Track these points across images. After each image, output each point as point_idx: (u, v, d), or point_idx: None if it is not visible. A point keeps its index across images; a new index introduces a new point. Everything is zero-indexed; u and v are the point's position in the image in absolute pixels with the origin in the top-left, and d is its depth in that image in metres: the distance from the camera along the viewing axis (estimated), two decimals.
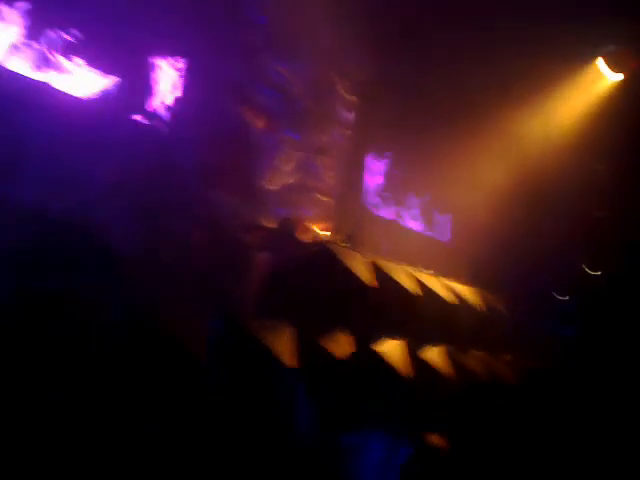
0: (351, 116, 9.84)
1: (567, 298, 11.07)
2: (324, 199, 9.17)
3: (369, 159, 10.23)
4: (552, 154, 10.81)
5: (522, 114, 10.63)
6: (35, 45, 6.49)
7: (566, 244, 11.15)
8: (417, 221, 10.61)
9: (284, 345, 6.24)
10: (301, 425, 5.99)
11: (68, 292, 5.00)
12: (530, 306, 10.34)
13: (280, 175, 8.86)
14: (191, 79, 7.84)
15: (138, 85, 7.26)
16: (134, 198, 6.39)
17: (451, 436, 6.85)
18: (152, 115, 7.42)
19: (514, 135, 10.77)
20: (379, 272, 7.87)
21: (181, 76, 7.69)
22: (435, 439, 6.93)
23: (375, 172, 10.26)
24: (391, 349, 7.61)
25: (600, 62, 10.76)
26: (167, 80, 7.64)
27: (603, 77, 10.85)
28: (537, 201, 10.79)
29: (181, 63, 7.69)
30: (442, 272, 9.01)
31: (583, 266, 11.36)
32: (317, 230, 8.76)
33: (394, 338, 7.69)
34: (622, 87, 10.84)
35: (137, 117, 7.16)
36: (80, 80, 6.75)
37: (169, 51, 7.62)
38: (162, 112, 7.53)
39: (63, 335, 4.84)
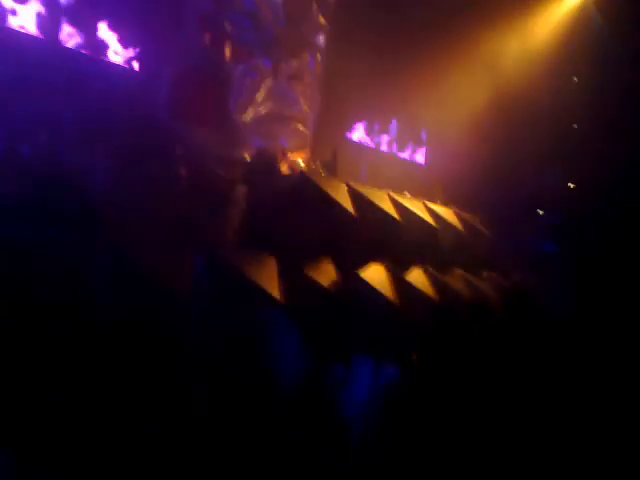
0: (324, 41, 9.63)
1: (543, 213, 11.20)
2: (300, 127, 9.08)
3: (343, 83, 10.08)
4: (527, 70, 10.72)
5: (496, 33, 10.49)
6: None
7: (544, 159, 11.19)
8: (393, 145, 10.58)
9: (268, 277, 6.29)
10: (289, 360, 6.04)
11: (47, 242, 4.97)
12: (509, 224, 10.44)
13: (254, 105, 8.73)
14: (157, 10, 7.62)
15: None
16: (109, 140, 6.31)
17: (434, 354, 7.03)
18: (120, 53, 7.25)
19: (489, 54, 10.66)
20: (360, 199, 7.84)
21: (146, 10, 7.47)
22: (418, 358, 7.13)
23: (349, 97, 10.14)
24: (375, 274, 7.68)
25: None
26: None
27: None
28: (513, 117, 10.76)
29: None
30: (421, 195, 9.04)
31: (562, 180, 11.44)
32: (295, 159, 8.71)
33: (377, 263, 7.76)
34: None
35: (105, 57, 7.02)
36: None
37: None
38: (130, 50, 7.35)
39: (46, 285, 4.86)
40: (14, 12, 6.35)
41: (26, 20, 6.32)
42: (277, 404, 5.59)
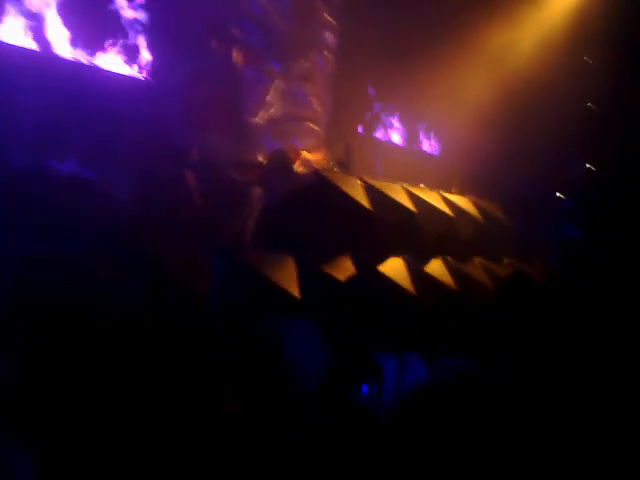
0: (333, 39, 9.70)
1: (564, 198, 11.10)
2: (313, 127, 9.16)
3: (356, 81, 10.14)
4: (539, 54, 10.65)
5: (506, 20, 10.46)
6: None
7: (560, 142, 11.09)
8: (407, 138, 10.59)
9: (287, 276, 6.35)
10: (311, 359, 6.04)
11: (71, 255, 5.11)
12: (530, 210, 10.38)
13: (267, 108, 8.84)
14: (165, 20, 7.75)
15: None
16: (126, 152, 6.46)
17: (456, 346, 7.03)
18: (132, 64, 7.40)
19: (499, 42, 10.60)
20: (376, 193, 7.85)
21: (154, 18, 7.60)
22: (444, 351, 7.12)
23: (361, 94, 10.19)
24: (395, 267, 7.70)
25: None
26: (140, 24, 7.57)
27: None
28: (528, 102, 10.69)
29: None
30: (437, 186, 9.04)
31: (581, 163, 11.33)
32: (309, 158, 8.79)
33: (396, 257, 7.77)
34: None
35: (117, 69, 7.16)
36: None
37: None
38: (140, 59, 7.49)
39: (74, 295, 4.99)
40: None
41: (24, 33, 6.44)
42: (300, 404, 5.62)
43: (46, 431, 4.44)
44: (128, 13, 7.35)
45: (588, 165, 11.36)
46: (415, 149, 10.69)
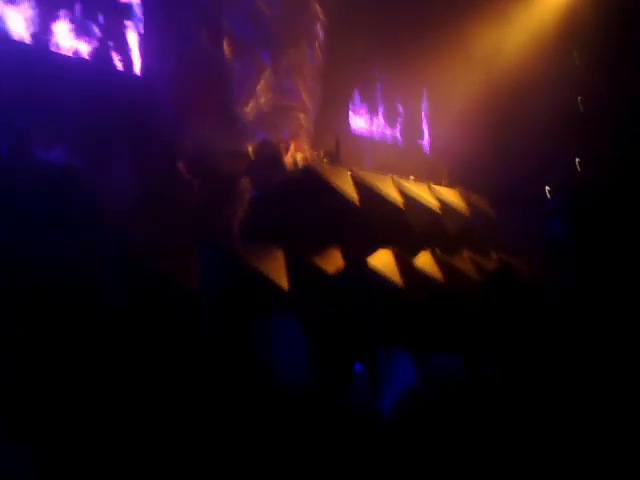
0: (323, 32, 9.65)
1: (550, 193, 11.16)
2: (302, 118, 9.11)
3: (344, 73, 10.10)
4: (526, 50, 10.68)
5: (493, 14, 10.49)
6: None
7: (548, 138, 11.12)
8: (396, 131, 10.58)
9: (275, 268, 6.34)
10: (299, 353, 5.99)
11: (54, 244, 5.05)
12: (517, 204, 10.42)
13: (255, 99, 8.77)
14: (153, 10, 7.67)
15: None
16: (111, 140, 6.40)
17: (443, 339, 7.05)
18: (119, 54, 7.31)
19: (487, 37, 10.63)
20: (364, 186, 7.87)
21: (143, 11, 7.52)
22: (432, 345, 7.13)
23: (350, 85, 10.17)
24: (383, 260, 7.72)
25: None
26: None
27: None
28: (515, 99, 10.71)
29: None
30: (426, 178, 9.05)
31: (568, 159, 11.38)
32: (298, 150, 8.75)
33: (385, 249, 7.78)
34: None
35: (105, 58, 7.08)
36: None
37: None
38: (129, 49, 7.41)
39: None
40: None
41: (14, 25, 6.36)
42: (286, 400, 5.59)
43: (43, 431, 4.41)
44: (117, 1, 7.28)
45: (575, 161, 11.42)
46: (405, 142, 10.68)
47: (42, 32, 6.52)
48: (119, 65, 7.21)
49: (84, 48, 6.90)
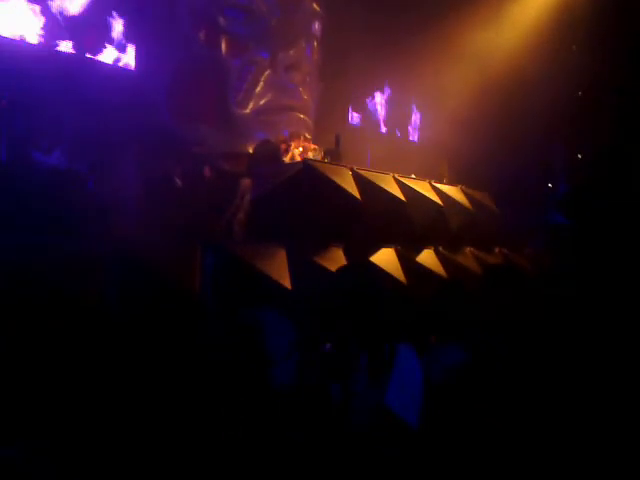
0: (318, 27, 9.62)
1: (552, 186, 11.14)
2: (301, 116, 9.09)
3: (342, 70, 10.08)
4: (525, 43, 10.66)
5: (490, 8, 10.47)
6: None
7: (550, 131, 11.11)
8: (396, 128, 10.56)
9: (277, 267, 6.30)
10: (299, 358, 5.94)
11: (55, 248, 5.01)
12: (519, 199, 10.40)
13: (254, 98, 8.75)
14: (151, 9, 7.65)
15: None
16: (110, 143, 6.37)
17: (448, 336, 6.99)
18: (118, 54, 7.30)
19: (485, 31, 10.62)
20: (367, 184, 7.81)
21: (140, 6, 7.49)
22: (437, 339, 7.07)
23: (349, 82, 10.14)
24: (385, 258, 7.67)
25: None
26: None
27: None
28: (515, 92, 10.69)
29: None
30: (427, 175, 9.01)
31: (570, 152, 11.35)
32: (298, 148, 8.71)
33: (388, 247, 7.75)
34: None
35: (103, 59, 7.06)
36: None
37: None
38: (127, 49, 7.39)
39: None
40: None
41: (16, 25, 6.34)
42: (287, 400, 5.55)
43: (43, 431, 4.38)
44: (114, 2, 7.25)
45: (577, 154, 11.39)
46: (405, 139, 10.66)
47: (43, 32, 6.50)
48: (116, 64, 7.18)
49: (84, 48, 6.88)
